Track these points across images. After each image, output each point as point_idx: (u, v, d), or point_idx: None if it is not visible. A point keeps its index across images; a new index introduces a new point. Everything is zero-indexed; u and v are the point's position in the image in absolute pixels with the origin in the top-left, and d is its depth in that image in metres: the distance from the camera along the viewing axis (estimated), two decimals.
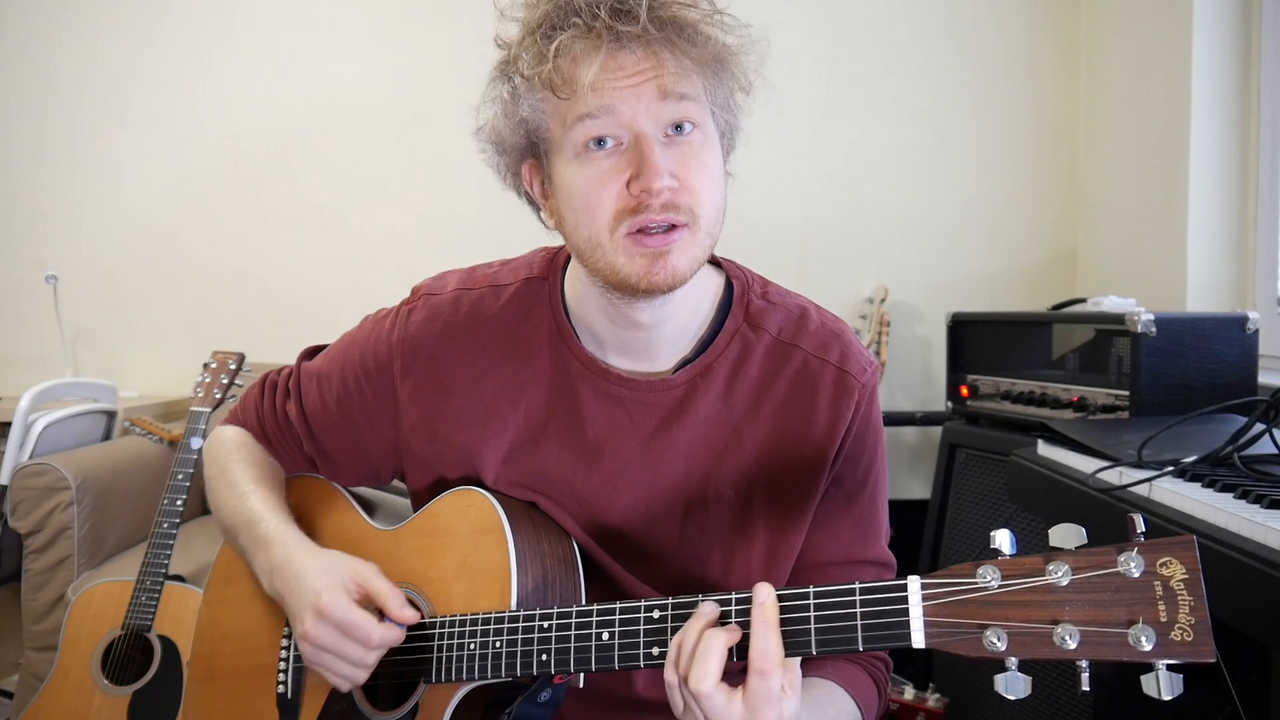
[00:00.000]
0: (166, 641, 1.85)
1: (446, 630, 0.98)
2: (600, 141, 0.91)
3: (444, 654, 0.97)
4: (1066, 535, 0.73)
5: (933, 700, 1.93)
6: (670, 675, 0.82)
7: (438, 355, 1.08)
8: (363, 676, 0.97)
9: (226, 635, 1.16)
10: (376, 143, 2.93)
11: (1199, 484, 1.18)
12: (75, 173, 2.95)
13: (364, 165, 2.94)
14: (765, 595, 0.80)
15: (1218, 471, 1.21)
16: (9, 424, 2.32)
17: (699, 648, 0.80)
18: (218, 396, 2.06)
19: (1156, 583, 0.69)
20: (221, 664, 1.16)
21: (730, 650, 0.81)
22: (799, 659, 0.81)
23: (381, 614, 0.98)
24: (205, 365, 2.12)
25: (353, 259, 2.94)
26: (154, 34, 2.92)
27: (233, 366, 2.11)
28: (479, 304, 1.09)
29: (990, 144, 2.84)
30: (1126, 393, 1.73)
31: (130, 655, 1.85)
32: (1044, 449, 1.54)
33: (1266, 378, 1.81)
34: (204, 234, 2.96)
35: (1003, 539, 0.74)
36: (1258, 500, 1.07)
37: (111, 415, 2.62)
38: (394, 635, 0.97)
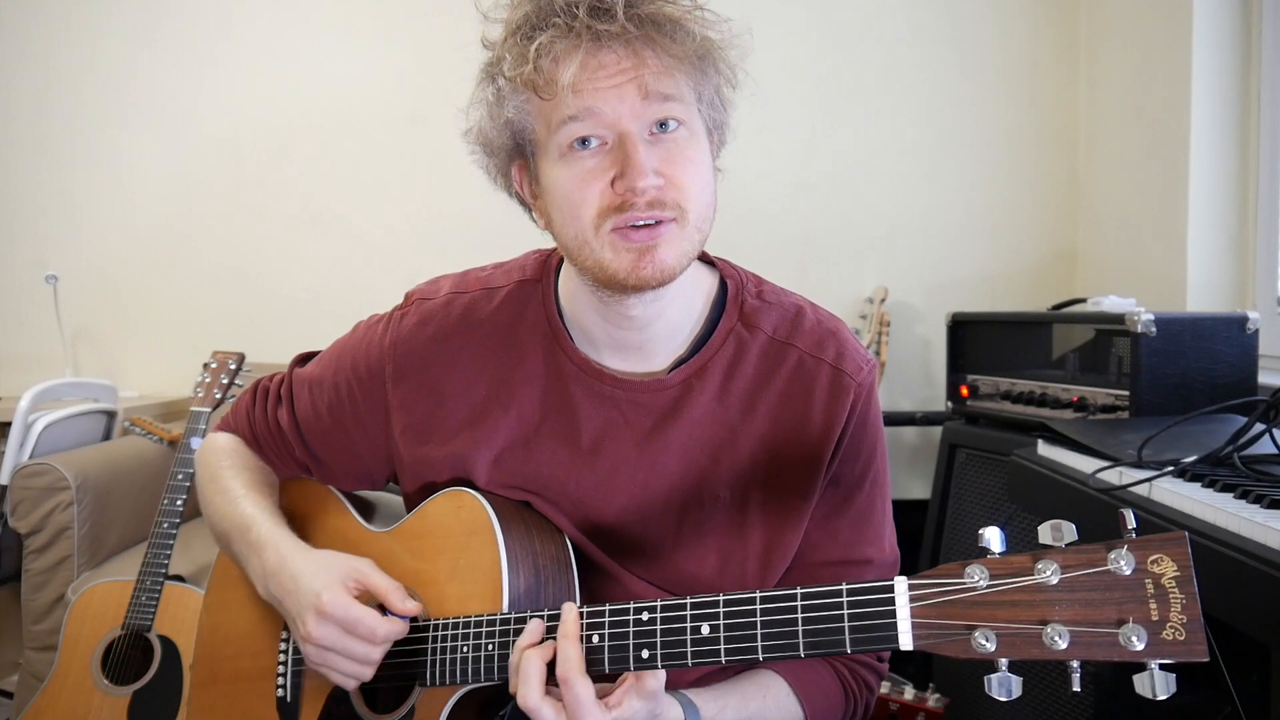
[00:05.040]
0: (166, 641, 1.84)
1: (439, 633, 0.97)
2: (584, 141, 0.91)
3: (438, 657, 0.97)
4: (1056, 532, 0.71)
5: (933, 700, 1.93)
6: (512, 692, 0.87)
7: (430, 359, 1.08)
8: (368, 674, 0.97)
9: (227, 639, 1.16)
10: (376, 143, 2.93)
11: (1199, 484, 1.17)
12: (75, 173, 2.94)
13: (364, 165, 2.93)
14: (568, 614, 0.87)
15: (1218, 471, 1.20)
16: (9, 424, 2.31)
17: (522, 666, 0.85)
18: (218, 396, 2.07)
19: (1147, 581, 0.67)
20: (222, 668, 1.15)
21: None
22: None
23: (383, 609, 0.98)
24: (205, 365, 2.12)
25: (353, 259, 2.94)
26: (154, 34, 2.91)
27: (233, 366, 2.11)
28: (472, 307, 1.09)
29: (990, 144, 2.84)
30: (1126, 393, 1.73)
31: (130, 655, 1.85)
32: (1044, 449, 1.53)
33: (1266, 378, 1.80)
34: (204, 234, 2.95)
35: (992, 537, 0.73)
36: (1258, 500, 1.07)
37: (111, 415, 2.61)
38: (398, 628, 0.97)
